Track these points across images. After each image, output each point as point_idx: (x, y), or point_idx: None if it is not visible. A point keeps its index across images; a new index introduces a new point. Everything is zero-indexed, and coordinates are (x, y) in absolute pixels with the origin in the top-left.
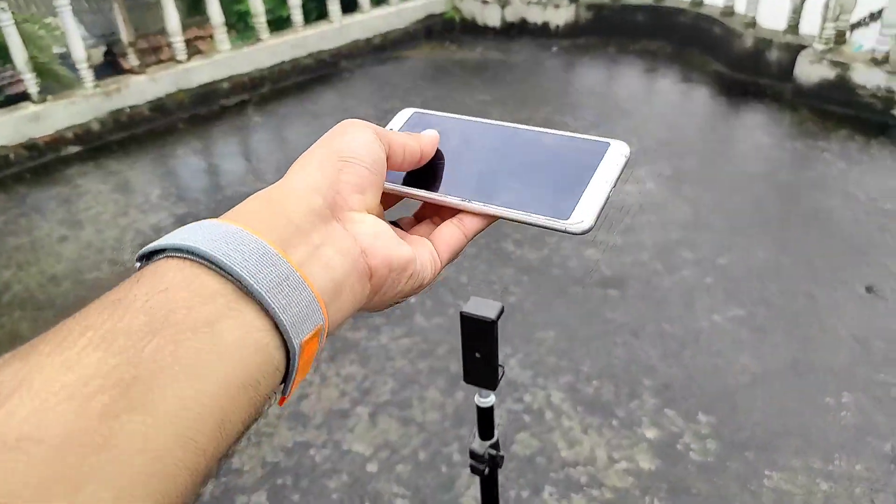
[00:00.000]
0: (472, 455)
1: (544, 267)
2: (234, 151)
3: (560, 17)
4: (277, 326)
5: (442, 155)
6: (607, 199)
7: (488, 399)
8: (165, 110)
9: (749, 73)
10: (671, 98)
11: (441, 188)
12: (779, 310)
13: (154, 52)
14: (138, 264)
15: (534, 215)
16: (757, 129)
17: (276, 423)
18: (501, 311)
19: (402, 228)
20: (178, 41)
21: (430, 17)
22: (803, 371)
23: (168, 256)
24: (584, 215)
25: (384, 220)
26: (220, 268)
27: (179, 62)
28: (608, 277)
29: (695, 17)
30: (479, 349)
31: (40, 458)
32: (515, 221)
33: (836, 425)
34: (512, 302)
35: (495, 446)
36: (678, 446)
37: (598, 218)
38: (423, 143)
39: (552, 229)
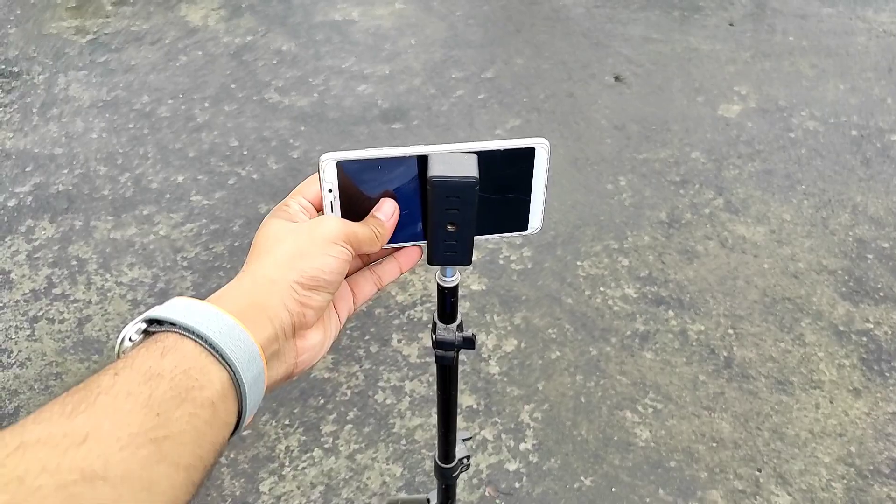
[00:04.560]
0: (441, 345)
1: (320, 111)
2: None
3: None
4: (240, 410)
5: (394, 204)
6: (546, 196)
7: (454, 277)
8: None
9: None
10: None
11: (401, 237)
12: (548, 113)
13: None
14: (143, 325)
15: (497, 234)
16: None
17: (59, 360)
18: (478, 161)
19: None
20: None
21: None
22: (582, 165)
23: (182, 335)
24: (536, 221)
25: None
26: (223, 357)
27: None
28: (388, 110)
29: None
30: (455, 219)
31: (104, 492)
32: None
33: (620, 206)
34: (297, 157)
35: (461, 327)
36: (500, 261)
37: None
38: (387, 228)
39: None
